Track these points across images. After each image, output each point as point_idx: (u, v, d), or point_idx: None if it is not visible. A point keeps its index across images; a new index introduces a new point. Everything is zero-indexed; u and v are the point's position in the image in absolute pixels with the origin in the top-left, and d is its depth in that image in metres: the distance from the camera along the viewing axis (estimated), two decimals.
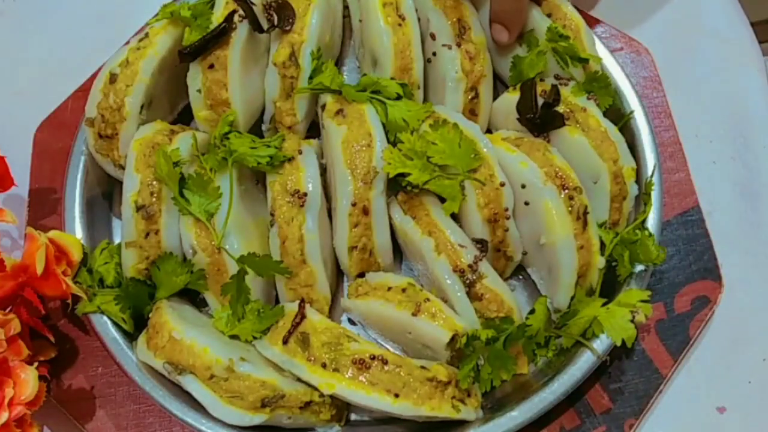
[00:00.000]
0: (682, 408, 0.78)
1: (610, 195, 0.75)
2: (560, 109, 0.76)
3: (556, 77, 0.79)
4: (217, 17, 0.76)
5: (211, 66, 0.76)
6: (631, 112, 0.79)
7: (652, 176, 0.77)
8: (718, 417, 0.78)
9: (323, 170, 0.77)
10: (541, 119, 0.76)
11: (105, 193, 0.82)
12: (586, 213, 0.73)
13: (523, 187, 0.73)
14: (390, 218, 0.75)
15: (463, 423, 0.70)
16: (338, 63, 0.87)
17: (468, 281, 0.71)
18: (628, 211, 0.77)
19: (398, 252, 0.79)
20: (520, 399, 0.71)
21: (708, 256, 0.80)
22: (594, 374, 0.73)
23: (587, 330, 0.72)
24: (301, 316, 0.70)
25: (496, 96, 0.82)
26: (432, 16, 0.78)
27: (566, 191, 0.72)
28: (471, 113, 0.79)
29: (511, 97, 0.79)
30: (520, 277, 0.80)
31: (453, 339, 0.69)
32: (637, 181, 0.76)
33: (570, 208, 0.72)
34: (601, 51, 0.81)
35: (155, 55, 0.75)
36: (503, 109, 0.80)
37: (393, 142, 0.75)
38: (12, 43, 0.94)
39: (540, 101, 0.76)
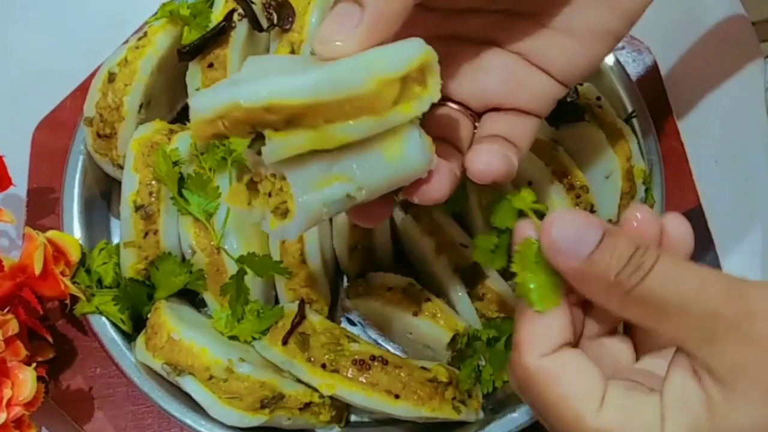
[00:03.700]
0: None
1: (621, 191, 0.75)
2: (579, 103, 0.76)
3: None
4: (217, 16, 0.75)
5: (211, 65, 0.75)
6: (633, 111, 0.79)
7: (653, 175, 0.77)
8: None
9: None
10: (561, 110, 0.75)
11: (103, 193, 0.82)
12: (592, 212, 0.72)
13: (530, 184, 0.73)
14: (390, 217, 0.75)
15: (463, 424, 0.70)
16: None
17: (469, 281, 0.71)
18: None
19: (398, 252, 0.79)
20: (521, 400, 0.70)
21: (710, 256, 0.80)
22: None
23: None
24: (301, 316, 0.70)
25: None
26: None
27: (573, 190, 0.72)
28: None
29: None
30: None
31: (454, 339, 0.69)
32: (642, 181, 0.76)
33: (576, 207, 0.72)
34: None
35: (154, 54, 0.75)
36: None
37: None
38: (9, 42, 0.94)
39: None
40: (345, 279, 0.80)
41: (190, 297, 0.77)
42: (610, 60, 0.80)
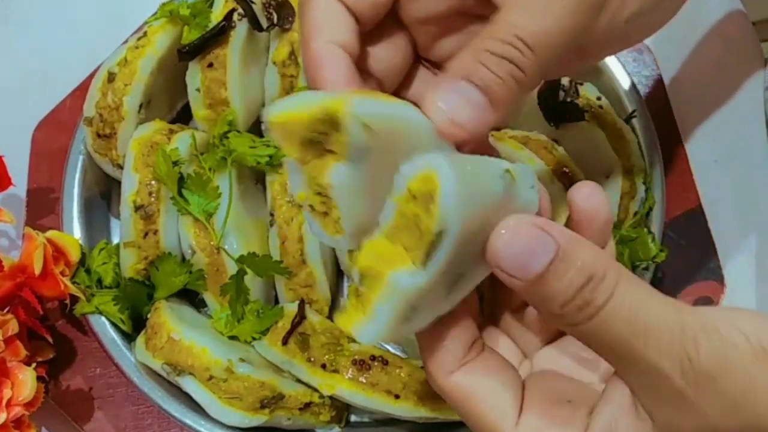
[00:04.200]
0: None
1: (621, 191, 0.75)
2: (579, 103, 0.76)
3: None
4: (216, 16, 0.75)
5: (210, 65, 0.75)
6: (633, 111, 0.79)
7: (653, 175, 0.77)
8: None
9: None
10: (562, 110, 0.76)
11: (103, 193, 0.82)
12: None
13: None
14: None
15: (464, 424, 0.69)
16: None
17: None
18: (634, 211, 0.76)
19: None
20: None
21: (710, 256, 0.80)
22: None
23: None
24: (301, 316, 0.70)
25: None
26: None
27: None
28: None
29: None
30: None
31: None
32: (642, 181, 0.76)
33: None
34: None
35: (154, 54, 0.75)
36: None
37: None
38: (9, 42, 0.94)
39: (560, 94, 0.76)
40: (345, 279, 0.80)
41: (190, 297, 0.77)
42: (610, 60, 0.80)
